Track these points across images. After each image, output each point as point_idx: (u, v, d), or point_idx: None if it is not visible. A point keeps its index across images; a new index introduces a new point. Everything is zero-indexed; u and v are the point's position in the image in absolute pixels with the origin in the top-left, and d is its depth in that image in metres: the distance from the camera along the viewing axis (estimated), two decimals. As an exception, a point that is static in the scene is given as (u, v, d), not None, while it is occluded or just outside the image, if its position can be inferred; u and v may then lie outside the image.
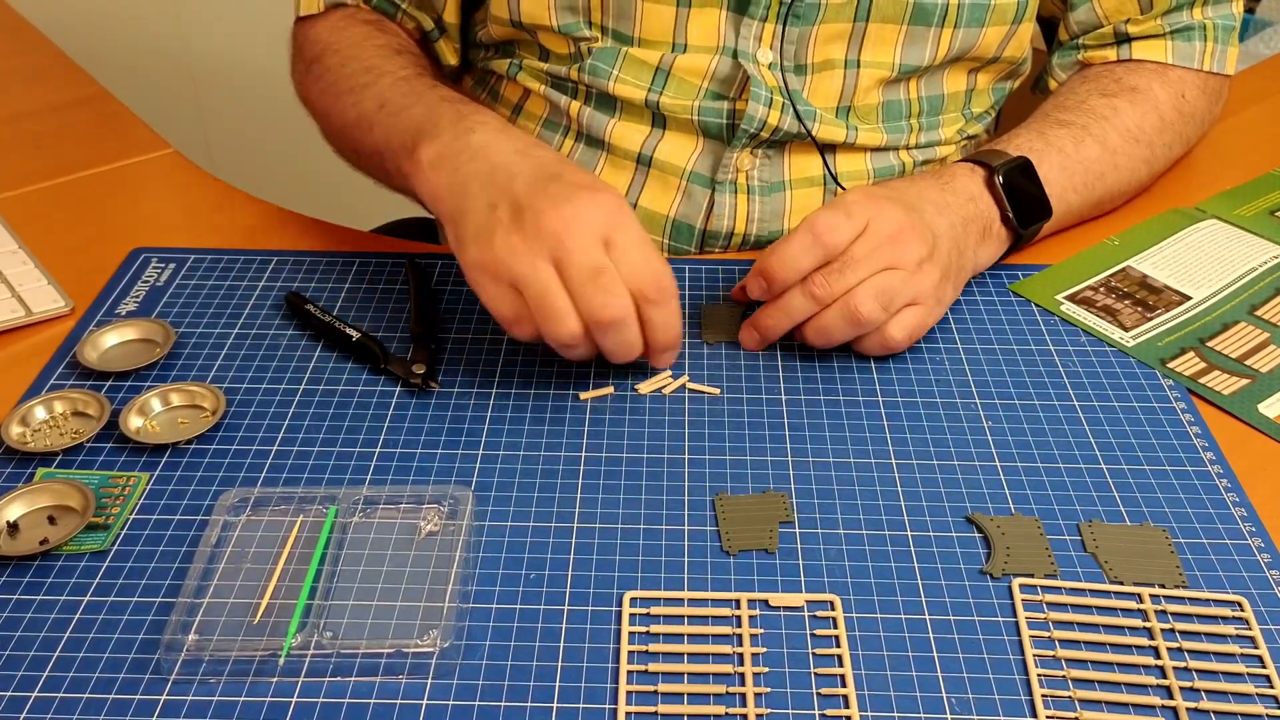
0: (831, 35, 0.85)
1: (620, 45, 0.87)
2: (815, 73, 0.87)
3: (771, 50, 0.85)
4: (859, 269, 0.71)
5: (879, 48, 0.86)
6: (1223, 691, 0.56)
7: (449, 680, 0.55)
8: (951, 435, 0.70)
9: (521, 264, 0.66)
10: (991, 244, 0.81)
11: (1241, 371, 0.75)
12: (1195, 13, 0.92)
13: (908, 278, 0.72)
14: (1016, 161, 0.81)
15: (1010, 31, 0.89)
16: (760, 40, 0.85)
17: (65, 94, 1.10)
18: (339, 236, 0.90)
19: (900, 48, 0.86)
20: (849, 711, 0.54)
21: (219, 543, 0.62)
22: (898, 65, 0.87)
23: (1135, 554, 0.62)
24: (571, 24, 0.87)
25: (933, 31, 0.86)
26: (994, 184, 0.80)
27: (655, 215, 0.89)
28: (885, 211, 0.73)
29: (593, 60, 0.87)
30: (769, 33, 0.84)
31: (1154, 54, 0.92)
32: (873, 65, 0.87)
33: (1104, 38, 0.93)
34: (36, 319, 0.79)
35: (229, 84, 1.87)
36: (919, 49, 0.87)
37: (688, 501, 0.65)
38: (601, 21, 0.86)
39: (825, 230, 0.71)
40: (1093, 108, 0.88)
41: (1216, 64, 0.93)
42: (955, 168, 0.81)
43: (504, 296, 0.68)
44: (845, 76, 0.87)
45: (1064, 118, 0.87)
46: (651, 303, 0.67)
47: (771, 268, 0.73)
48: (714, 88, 0.86)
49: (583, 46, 0.87)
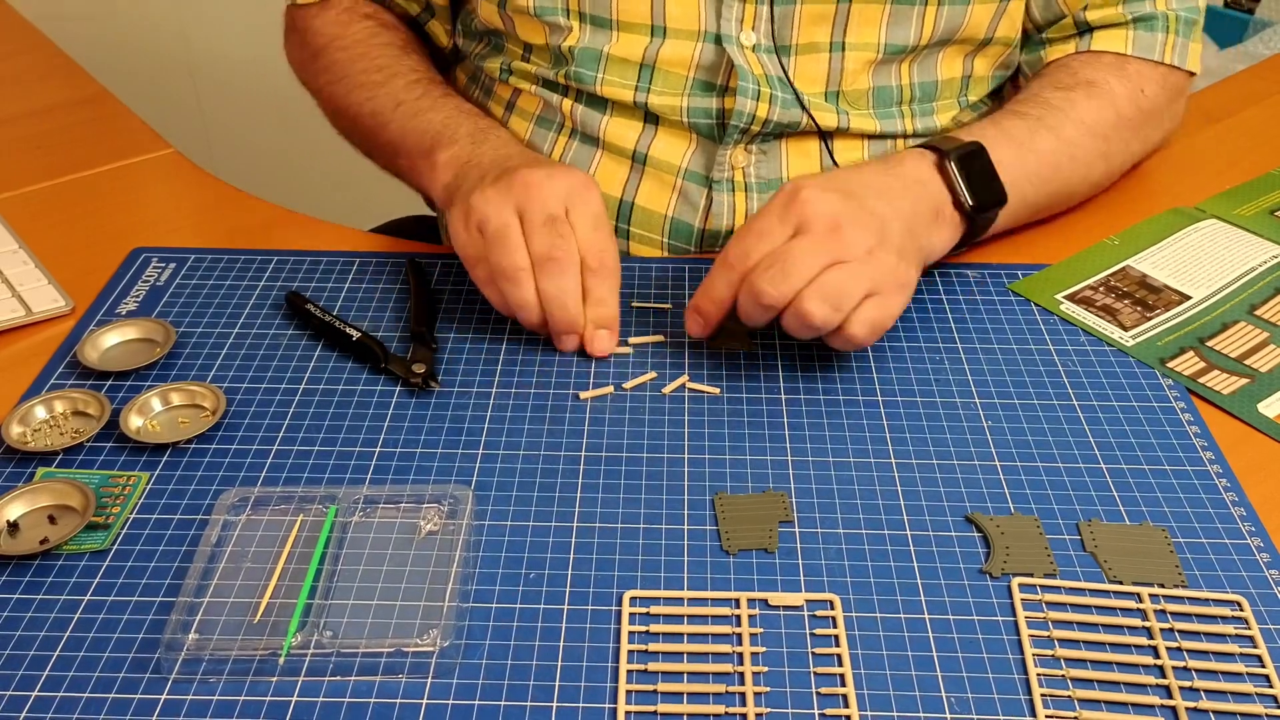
0: (815, 16, 0.84)
1: (599, 34, 0.86)
2: (800, 54, 0.86)
3: (754, 31, 0.84)
4: (801, 267, 0.70)
5: (863, 28, 0.85)
6: (1222, 691, 0.56)
7: (449, 680, 0.55)
8: (951, 435, 0.70)
9: (489, 207, 0.74)
10: (944, 228, 0.78)
11: (1241, 371, 0.76)
12: (1157, 2, 0.90)
13: (857, 270, 0.70)
14: (969, 146, 0.79)
15: (1000, 9, 0.88)
16: (742, 22, 0.84)
17: (65, 94, 1.10)
18: (339, 236, 0.90)
19: (885, 27, 0.85)
20: (848, 711, 0.54)
21: (219, 542, 0.62)
22: (883, 45, 0.86)
23: (1135, 554, 0.62)
24: (548, 7, 0.86)
25: (917, 9, 0.85)
26: (945, 168, 0.78)
27: (653, 214, 0.89)
28: (819, 202, 0.71)
29: (575, 66, 0.87)
30: (750, 13, 0.84)
31: (1114, 44, 0.90)
32: (858, 47, 0.86)
33: (1065, 29, 0.92)
34: (37, 319, 0.79)
35: (229, 84, 1.87)
36: (904, 29, 0.86)
37: (688, 501, 0.65)
38: (579, 8, 0.86)
39: (736, 259, 0.72)
40: (1047, 99, 0.87)
41: (1178, 57, 0.91)
42: (904, 153, 0.80)
43: (470, 239, 0.75)
44: (831, 60, 0.86)
45: (1018, 109, 0.86)
46: (591, 271, 0.74)
47: (703, 307, 0.74)
48: (701, 77, 0.86)
49: (563, 46, 0.87)
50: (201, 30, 1.83)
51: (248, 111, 1.89)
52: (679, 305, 0.81)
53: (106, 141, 1.02)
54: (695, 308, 0.75)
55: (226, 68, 1.86)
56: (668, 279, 0.84)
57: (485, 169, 0.79)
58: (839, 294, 0.69)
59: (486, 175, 0.77)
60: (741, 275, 0.72)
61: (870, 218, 0.72)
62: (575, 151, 0.90)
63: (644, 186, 0.89)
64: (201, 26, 1.82)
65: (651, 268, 0.85)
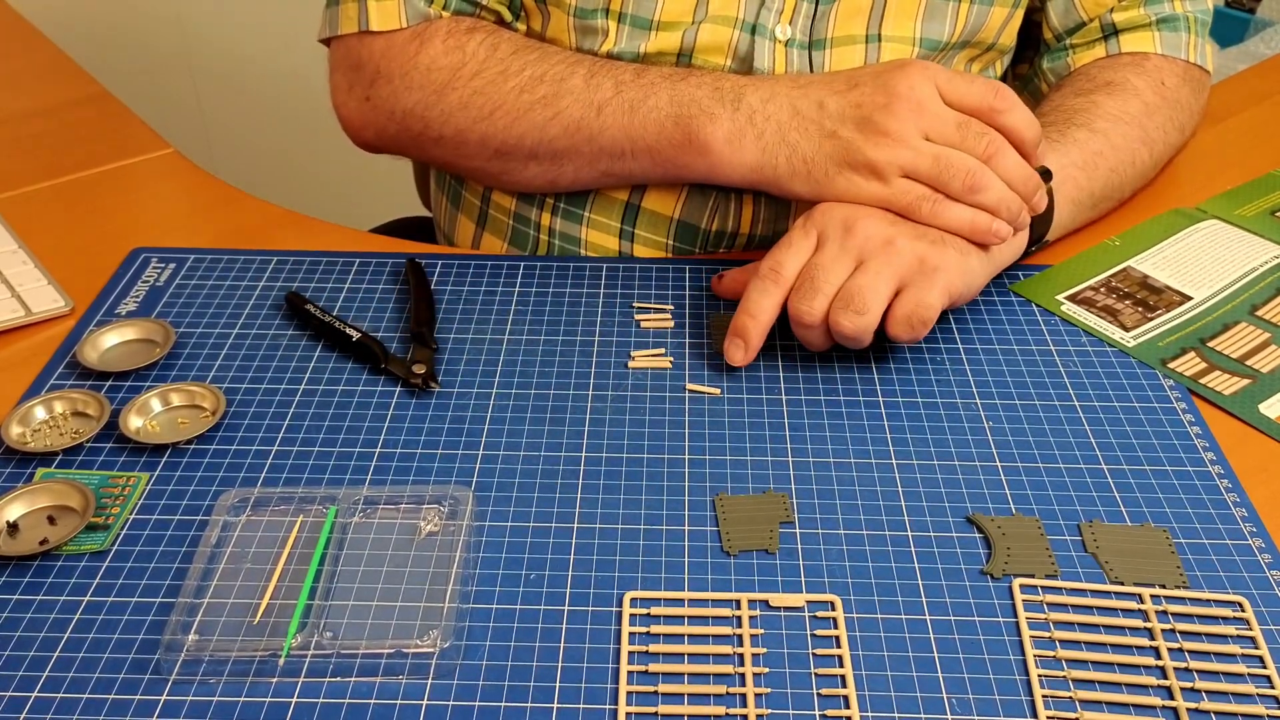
0: (853, 10, 0.85)
1: (637, 36, 0.85)
2: (835, 47, 0.86)
3: (791, 25, 0.84)
4: (827, 277, 0.71)
5: (900, 21, 0.86)
6: (1223, 692, 0.56)
7: (449, 680, 0.55)
8: (952, 435, 0.70)
9: (904, 152, 0.72)
10: None
11: (1242, 372, 0.75)
12: (1176, 4, 0.92)
13: (878, 267, 0.70)
14: None
15: (1009, 15, 0.89)
16: (780, 15, 0.84)
17: (65, 94, 1.10)
18: (339, 236, 0.90)
19: (920, 21, 0.86)
20: (849, 712, 0.54)
21: (219, 543, 0.62)
22: (918, 39, 0.86)
23: (1136, 554, 0.62)
24: (588, 9, 0.85)
25: (950, 5, 0.86)
26: None
27: (659, 216, 0.89)
28: (835, 208, 0.72)
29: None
30: (790, 6, 0.84)
31: (1142, 45, 0.91)
32: (894, 39, 0.86)
33: (1091, 34, 0.93)
34: (36, 319, 0.79)
35: (229, 84, 1.87)
36: (938, 24, 0.86)
37: (688, 501, 0.65)
38: (620, 9, 0.85)
39: (769, 270, 0.72)
40: (1070, 106, 0.87)
41: (1198, 56, 0.93)
42: None
43: (907, 187, 0.72)
44: (867, 51, 0.86)
45: (1042, 119, 0.85)
46: (999, 111, 0.73)
47: (745, 325, 0.73)
48: (735, 68, 0.86)
49: (599, 50, 0.85)
50: (201, 30, 1.83)
51: (248, 111, 1.90)
52: (680, 306, 0.81)
53: (106, 141, 1.02)
54: (738, 330, 0.73)
55: (226, 68, 1.86)
56: (668, 280, 0.84)
57: (804, 131, 0.75)
58: (862, 299, 0.70)
59: (836, 132, 0.74)
60: (778, 285, 0.72)
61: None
62: None
63: (651, 189, 0.88)
64: (202, 26, 1.82)
65: (653, 269, 0.85)
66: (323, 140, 1.01)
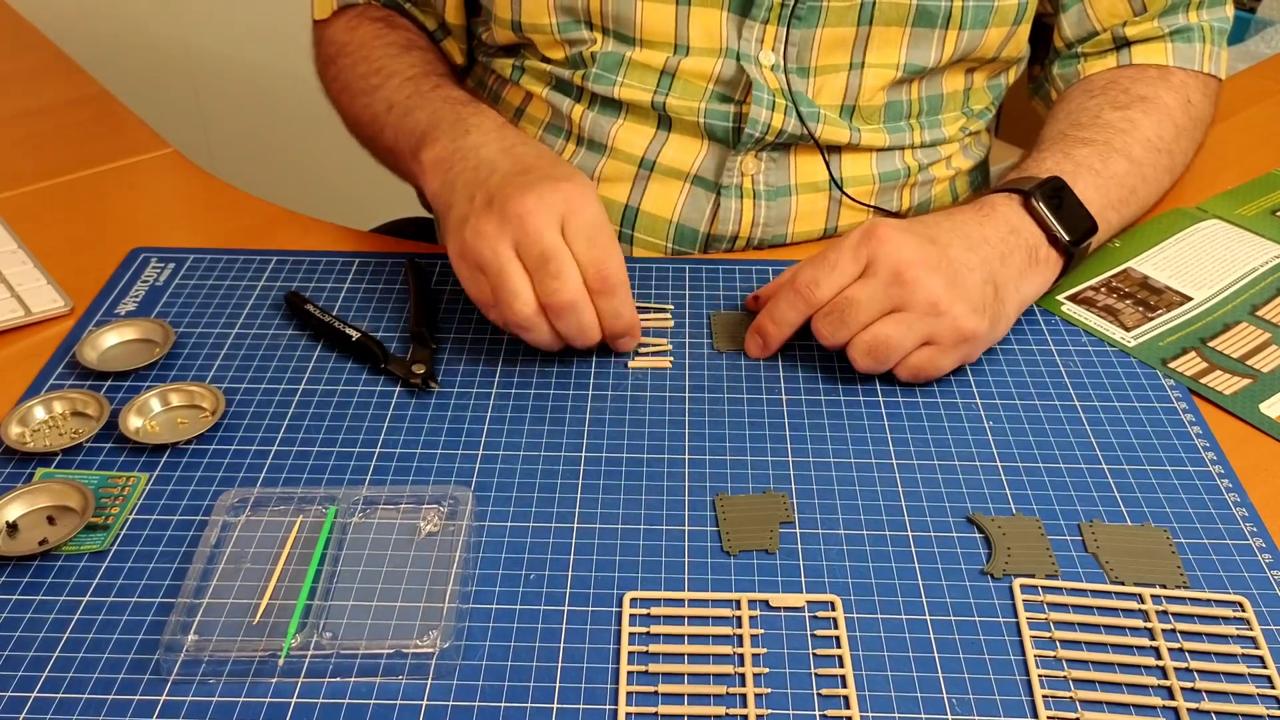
0: (835, 40, 0.85)
1: (623, 45, 0.86)
2: (819, 75, 0.86)
3: (773, 52, 0.85)
4: (859, 314, 0.71)
5: (884, 49, 0.86)
6: (1224, 692, 0.56)
7: (449, 680, 0.55)
8: (952, 435, 0.70)
9: (485, 248, 0.70)
10: (1040, 271, 0.77)
11: (1243, 371, 0.75)
12: (1191, 15, 0.91)
13: (913, 321, 0.70)
14: (1051, 182, 0.78)
15: (1010, 32, 0.89)
16: (762, 43, 0.84)
17: (65, 94, 1.10)
18: (339, 236, 0.90)
19: (905, 49, 0.86)
20: (849, 712, 0.54)
21: (218, 543, 0.62)
22: (903, 65, 0.86)
23: (1136, 554, 0.62)
24: (570, 23, 0.86)
25: (937, 33, 0.86)
26: (1032, 207, 0.76)
27: (658, 219, 0.89)
28: (894, 246, 0.70)
29: (597, 69, 0.87)
30: (770, 35, 0.84)
31: (1155, 57, 0.91)
32: (879, 66, 0.86)
33: (1102, 44, 0.93)
34: (36, 319, 0.79)
35: (229, 84, 1.87)
36: (924, 50, 0.86)
37: (688, 501, 0.65)
38: (602, 24, 0.86)
39: (804, 285, 0.72)
40: (1109, 123, 0.86)
41: (1214, 66, 0.92)
42: (993, 198, 0.78)
43: (476, 280, 0.72)
44: (850, 78, 0.87)
45: (1084, 135, 0.84)
46: (597, 293, 0.70)
47: (766, 329, 0.75)
48: (719, 90, 0.86)
49: (585, 52, 0.87)
50: (201, 30, 1.83)
51: (247, 111, 1.89)
52: (680, 306, 0.81)
53: (106, 141, 1.02)
54: (759, 329, 0.76)
55: (226, 67, 1.86)
56: (668, 279, 0.84)
57: (471, 182, 0.74)
58: (886, 348, 0.71)
59: (475, 195, 0.73)
60: (808, 304, 0.73)
61: (946, 266, 0.70)
62: (581, 159, 0.90)
63: (650, 192, 0.89)
64: (201, 26, 1.82)
65: (652, 268, 0.85)
66: (323, 140, 1.01)
